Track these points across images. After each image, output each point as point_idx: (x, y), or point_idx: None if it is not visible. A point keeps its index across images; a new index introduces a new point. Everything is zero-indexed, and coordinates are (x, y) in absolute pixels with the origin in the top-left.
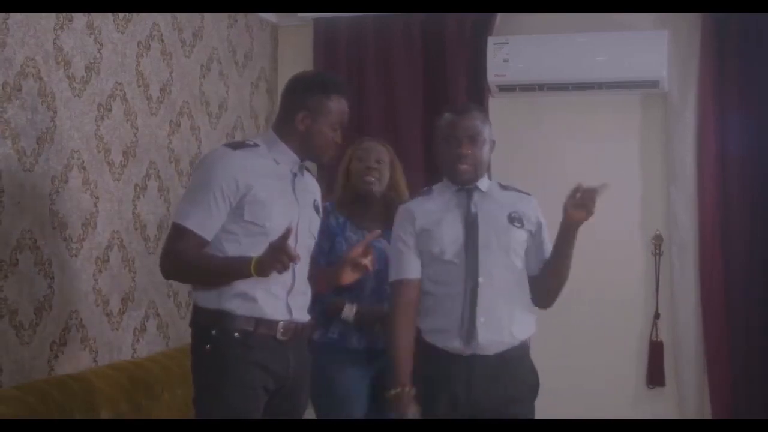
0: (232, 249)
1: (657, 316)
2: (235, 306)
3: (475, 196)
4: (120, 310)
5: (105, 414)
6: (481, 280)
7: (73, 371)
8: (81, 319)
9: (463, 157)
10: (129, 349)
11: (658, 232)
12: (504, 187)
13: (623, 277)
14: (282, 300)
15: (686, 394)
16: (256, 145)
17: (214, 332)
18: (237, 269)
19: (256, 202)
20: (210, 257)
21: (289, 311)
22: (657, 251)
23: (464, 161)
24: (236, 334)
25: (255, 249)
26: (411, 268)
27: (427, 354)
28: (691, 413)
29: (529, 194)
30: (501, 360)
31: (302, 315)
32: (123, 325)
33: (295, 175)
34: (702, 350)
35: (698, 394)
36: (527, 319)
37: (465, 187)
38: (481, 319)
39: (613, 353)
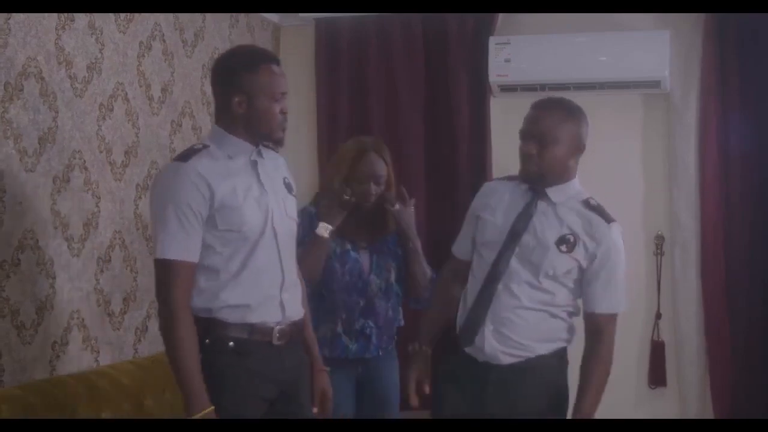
0: (215, 262)
1: (659, 316)
2: (227, 314)
3: (540, 205)
4: (121, 310)
5: (106, 414)
6: (499, 287)
7: (74, 371)
8: (82, 319)
9: (526, 157)
10: (130, 349)
11: (659, 232)
12: (588, 206)
13: (625, 277)
14: (275, 298)
15: (688, 394)
16: (205, 147)
17: (207, 341)
18: (192, 397)
19: (225, 207)
20: (190, 355)
21: (283, 309)
22: (658, 251)
23: (527, 161)
24: (231, 343)
25: (238, 257)
26: (460, 246)
27: (454, 352)
28: (692, 413)
29: (610, 222)
30: (517, 372)
31: (296, 311)
32: (125, 325)
33: (255, 162)
34: (704, 350)
35: (700, 394)
36: (552, 335)
37: (534, 189)
38: (489, 326)
39: (615, 353)
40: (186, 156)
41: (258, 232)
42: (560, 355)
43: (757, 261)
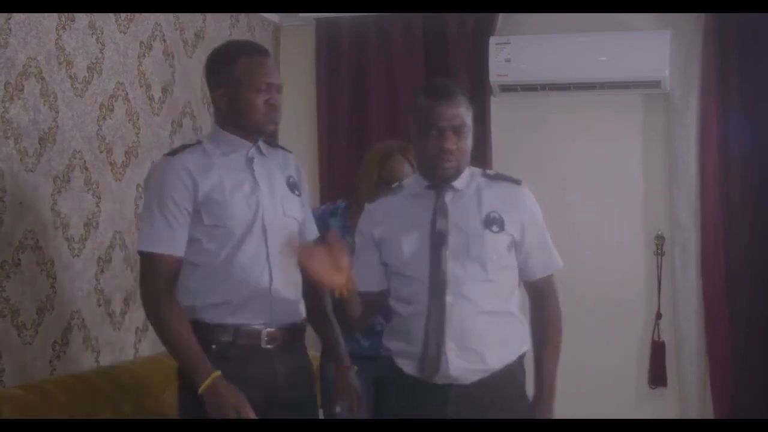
0: (202, 259)
1: (659, 316)
2: (211, 315)
3: (447, 196)
4: (122, 310)
5: (107, 414)
6: (449, 299)
7: (75, 371)
8: (83, 319)
9: (447, 153)
10: (131, 349)
11: (659, 232)
12: (490, 178)
13: (625, 277)
14: (261, 298)
15: (688, 394)
16: (198, 143)
17: None
18: (193, 368)
19: (211, 202)
20: (181, 330)
21: (271, 310)
22: (659, 251)
23: (448, 157)
24: (213, 346)
25: (223, 252)
26: (367, 280)
27: (399, 381)
28: (693, 413)
29: (519, 182)
30: (481, 389)
31: (290, 313)
32: (125, 325)
33: (251, 159)
34: (704, 350)
35: (700, 394)
36: (514, 339)
37: (435, 185)
38: (451, 345)
39: (615, 353)
40: (175, 151)
41: (244, 229)
42: (521, 362)
43: (757, 261)
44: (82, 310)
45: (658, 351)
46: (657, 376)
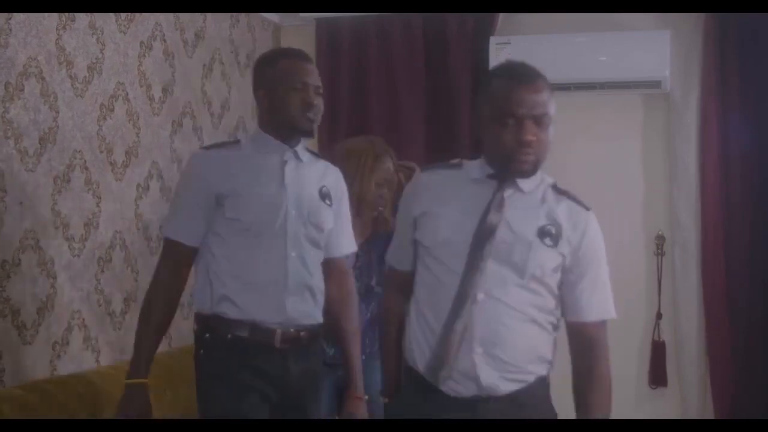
0: (223, 252)
1: (659, 316)
2: (226, 309)
3: (507, 192)
4: (122, 310)
5: (107, 414)
6: (481, 296)
7: (75, 371)
8: (83, 319)
9: (525, 146)
10: (131, 349)
11: (660, 232)
12: (559, 192)
13: (625, 278)
14: (276, 299)
15: (688, 394)
16: (236, 142)
17: (207, 336)
18: (136, 363)
19: (234, 196)
20: (149, 322)
21: (286, 311)
22: (659, 251)
23: (527, 150)
24: (229, 335)
25: (241, 248)
26: (401, 257)
27: (420, 390)
28: (693, 413)
29: (588, 209)
30: (515, 403)
31: (305, 316)
32: (125, 325)
33: (285, 162)
34: (704, 350)
35: (700, 394)
36: (545, 352)
37: (500, 176)
38: (478, 350)
39: (615, 353)
40: (210, 146)
41: (265, 229)
42: (546, 381)
43: (757, 261)
44: (82, 310)
45: (658, 351)
46: (657, 376)
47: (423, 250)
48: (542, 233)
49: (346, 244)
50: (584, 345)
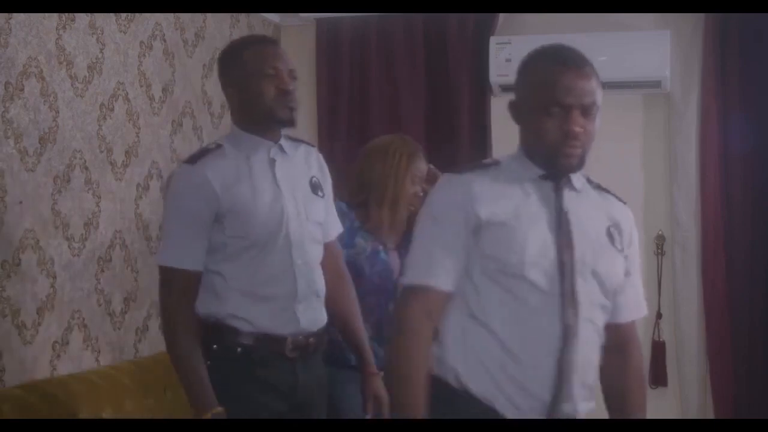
0: (226, 268)
1: (659, 316)
2: (236, 324)
3: (566, 194)
4: (122, 309)
5: (107, 414)
6: (580, 320)
7: (75, 371)
8: (83, 319)
9: (572, 138)
10: (131, 348)
11: (660, 232)
12: (596, 186)
13: None
14: (288, 309)
15: (688, 394)
16: (219, 147)
17: (215, 347)
18: (196, 398)
19: (232, 212)
20: (189, 359)
21: (297, 320)
22: (659, 251)
23: (574, 143)
24: (239, 349)
25: (245, 263)
26: (442, 274)
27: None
28: (693, 413)
29: (625, 202)
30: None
31: (315, 321)
32: (125, 325)
33: (273, 161)
34: (704, 350)
35: (700, 394)
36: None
37: (552, 175)
38: (577, 382)
39: None
40: (195, 158)
41: (268, 239)
42: None
43: (757, 261)
44: (82, 309)
45: (658, 351)
46: (657, 375)
47: (495, 265)
48: (611, 236)
49: (336, 226)
50: (620, 345)
